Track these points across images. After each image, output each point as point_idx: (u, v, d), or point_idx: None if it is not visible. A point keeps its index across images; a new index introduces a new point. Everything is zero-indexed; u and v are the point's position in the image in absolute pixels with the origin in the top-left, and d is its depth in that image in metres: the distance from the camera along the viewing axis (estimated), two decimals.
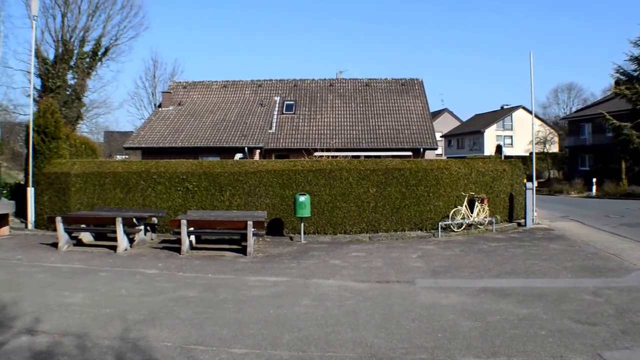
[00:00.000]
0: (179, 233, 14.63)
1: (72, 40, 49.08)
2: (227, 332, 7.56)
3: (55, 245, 15.70)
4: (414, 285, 10.50)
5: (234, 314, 8.44)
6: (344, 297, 9.46)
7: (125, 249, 14.96)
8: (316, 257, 13.60)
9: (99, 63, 51.42)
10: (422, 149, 33.08)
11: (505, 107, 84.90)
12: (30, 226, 19.89)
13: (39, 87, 46.67)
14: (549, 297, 9.33)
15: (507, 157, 33.93)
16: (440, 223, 17.20)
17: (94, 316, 8.41)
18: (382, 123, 35.64)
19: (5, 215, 18.46)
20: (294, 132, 35.50)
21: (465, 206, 17.80)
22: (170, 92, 40.57)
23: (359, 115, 36.70)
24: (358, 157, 24.71)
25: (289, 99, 39.13)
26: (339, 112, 37.29)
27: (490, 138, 77.75)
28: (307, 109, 37.79)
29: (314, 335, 7.36)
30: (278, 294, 9.77)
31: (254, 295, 9.74)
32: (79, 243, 16.22)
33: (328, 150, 27.25)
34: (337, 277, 11.25)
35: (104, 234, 16.88)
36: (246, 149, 31.43)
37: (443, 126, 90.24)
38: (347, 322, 7.94)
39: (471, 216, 17.83)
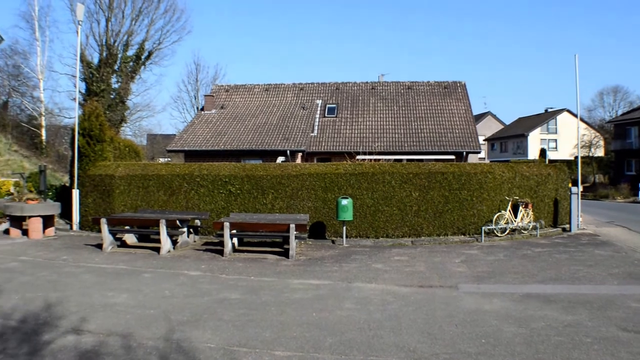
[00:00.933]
0: (222, 235, 14.72)
1: (116, 44, 49.86)
2: (269, 334, 7.59)
3: (99, 246, 15.94)
4: (457, 290, 10.41)
5: (276, 317, 8.46)
6: (386, 301, 9.43)
7: (169, 251, 15.11)
8: (358, 261, 13.58)
9: (142, 67, 52.16)
10: (465, 153, 32.81)
11: (549, 110, 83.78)
12: (75, 227, 20.20)
13: (83, 91, 47.48)
14: (595, 304, 9.18)
15: (551, 161, 33.62)
16: (483, 228, 17.03)
17: (138, 316, 8.52)
18: (424, 126, 35.45)
19: (52, 217, 18.79)
20: (335, 136, 35.48)
21: (509, 211, 17.59)
22: (212, 96, 40.88)
23: (401, 119, 36.55)
24: (400, 160, 24.63)
25: (330, 102, 39.13)
26: (381, 115, 37.18)
27: (534, 142, 76.80)
28: (349, 112, 37.76)
29: (356, 339, 7.35)
30: (320, 297, 9.78)
31: (296, 298, 9.76)
32: (123, 244, 16.45)
33: (370, 153, 27.24)
34: (380, 281, 11.22)
35: (147, 236, 17.08)
36: (288, 152, 31.50)
37: (486, 129, 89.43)
38: (389, 327, 7.92)
39: (515, 221, 17.62)
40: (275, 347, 7.08)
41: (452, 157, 31.67)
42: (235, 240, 15.59)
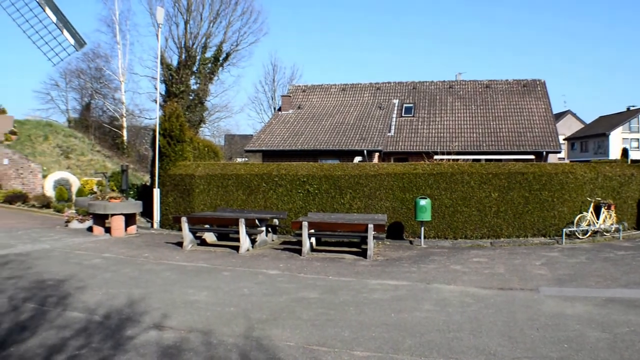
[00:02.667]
0: (300, 235, 14.82)
1: (195, 46, 50.73)
2: (348, 334, 7.59)
3: (179, 244, 16.27)
4: (538, 293, 10.20)
5: (355, 317, 8.45)
6: (465, 303, 9.31)
7: (247, 250, 15.29)
8: (437, 262, 13.46)
9: (220, 68, 52.95)
10: (544, 153, 32.13)
11: (631, 108, 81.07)
12: (155, 225, 20.67)
13: (163, 92, 48.44)
14: None
15: (633, 161, 32.53)
16: (564, 229, 16.64)
17: (218, 314, 8.64)
18: (503, 125, 34.88)
19: (133, 215, 19.28)
20: (413, 135, 35.26)
21: (591, 212, 17.13)
22: (289, 96, 41.17)
23: (479, 118, 36.05)
24: (479, 160, 24.32)
25: (407, 101, 38.90)
26: (459, 114, 36.75)
27: (616, 141, 74.51)
28: (426, 112, 37.46)
29: (435, 341, 7.28)
30: (399, 298, 9.73)
31: (375, 298, 9.74)
32: (203, 243, 16.75)
33: (448, 153, 27.00)
34: (459, 282, 11.09)
35: (226, 235, 17.34)
36: (365, 152, 31.49)
37: (566, 129, 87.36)
38: (469, 329, 7.81)
39: (597, 223, 17.15)
40: (354, 347, 7.07)
41: (532, 157, 31.03)
42: (313, 239, 15.67)
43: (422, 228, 16.57)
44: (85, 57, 54.48)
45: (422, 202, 15.95)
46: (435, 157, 24.99)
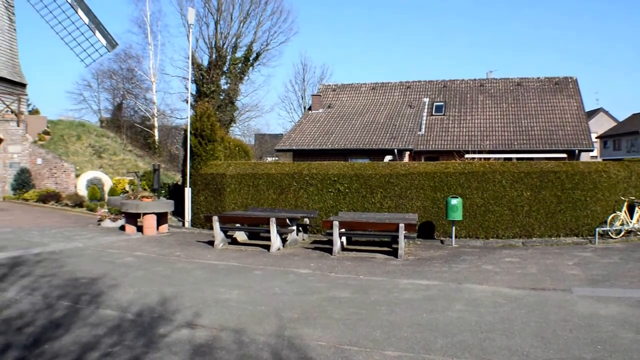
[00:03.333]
0: (331, 234, 14.82)
1: (225, 46, 51.06)
2: (379, 334, 7.58)
3: (211, 243, 16.38)
4: (571, 293, 10.09)
5: (386, 316, 8.44)
6: (497, 303, 9.25)
7: (278, 249, 15.34)
8: (468, 262, 13.38)
9: (250, 68, 53.26)
10: (577, 151, 31.78)
11: None
12: (187, 224, 20.85)
13: (194, 92, 48.78)
14: None
15: None
16: (597, 229, 16.44)
17: (250, 313, 8.67)
18: (534, 124, 34.56)
19: (165, 214, 19.44)
20: (443, 134, 35.12)
21: (625, 211, 16.89)
22: (319, 95, 41.21)
23: (510, 116, 35.76)
24: (510, 159, 24.12)
25: (438, 100, 38.74)
26: (490, 113, 36.50)
27: None
28: (456, 110, 37.28)
29: (467, 341, 7.24)
30: (430, 298, 9.69)
31: (406, 298, 9.71)
32: (234, 242, 16.84)
33: (479, 152, 26.84)
34: (490, 282, 11.02)
35: (257, 234, 17.44)
36: (396, 150, 31.41)
37: (598, 127, 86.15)
38: (501, 329, 7.76)
39: (630, 222, 16.91)
40: (386, 347, 7.06)
41: (564, 155, 30.67)
42: (343, 239, 15.68)
43: (453, 227, 16.48)
44: (117, 57, 55.22)
45: (454, 202, 15.88)
46: (467, 155, 24.91)
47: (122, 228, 19.53)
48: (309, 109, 41.45)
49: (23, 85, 35.25)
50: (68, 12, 35.42)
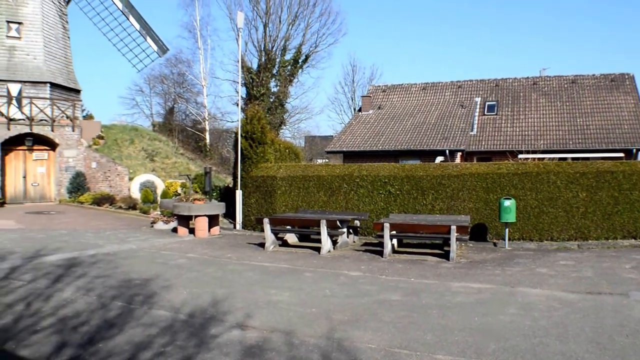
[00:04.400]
0: (381, 236, 14.74)
1: (274, 49, 51.36)
2: (430, 337, 7.48)
3: (262, 245, 16.44)
4: (628, 298, 9.81)
5: (437, 320, 8.33)
6: (551, 308, 9.05)
7: (329, 251, 15.30)
8: (522, 265, 13.15)
9: (299, 70, 53.51)
10: (634, 150, 31.00)
11: None
12: (238, 227, 20.99)
13: (244, 95, 49.16)
14: None
15: None
16: None
17: (300, 315, 8.67)
18: (590, 122, 33.85)
19: (216, 216, 19.59)
20: (496, 134, 34.71)
21: None
22: (369, 96, 41.15)
23: (564, 115, 35.11)
24: (565, 159, 23.69)
25: (490, 99, 38.31)
26: (544, 111, 35.91)
27: None
28: (509, 110, 36.80)
29: (520, 346, 7.10)
30: (482, 301, 9.54)
31: (458, 301, 9.58)
32: (284, 244, 16.87)
33: (533, 152, 26.46)
34: (545, 286, 10.80)
35: (307, 236, 17.43)
36: (447, 151, 31.15)
37: None
38: (555, 334, 7.59)
39: None
40: (437, 350, 6.96)
41: (621, 154, 29.97)
42: (394, 241, 15.57)
43: (507, 229, 16.22)
44: (168, 62, 56.14)
45: (507, 203, 15.64)
46: (520, 156, 24.55)
47: (175, 230, 19.76)
48: (359, 110, 41.43)
49: (77, 91, 36.00)
50: (120, 19, 36.13)
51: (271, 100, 51.30)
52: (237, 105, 26.01)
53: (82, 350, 7.01)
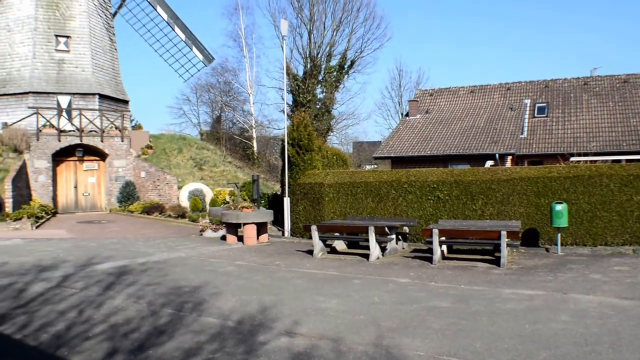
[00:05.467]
0: (430, 242, 14.60)
1: (319, 55, 51.53)
2: (480, 345, 7.37)
3: (310, 252, 16.44)
4: None
5: (487, 327, 8.21)
6: (605, 315, 8.84)
7: (377, 258, 15.22)
8: (574, 271, 12.88)
9: (345, 76, 53.61)
10: None
11: None
12: (286, 234, 21.07)
13: (290, 102, 49.43)
14: None
15: None
16: None
17: (349, 322, 8.62)
18: None
19: (265, 224, 19.67)
20: (546, 137, 34.25)
21: None
22: (416, 101, 41.02)
23: (617, 115, 34.44)
24: (619, 161, 23.21)
25: (540, 101, 37.85)
26: (595, 112, 35.30)
27: None
28: (560, 111, 36.28)
29: (571, 354, 6.93)
30: (533, 308, 9.37)
31: (508, 308, 9.42)
32: (332, 251, 16.84)
33: (585, 154, 26.03)
34: (598, 292, 10.55)
35: (355, 243, 17.39)
36: (497, 155, 30.80)
37: None
38: (608, 342, 7.39)
39: None
40: (486, 358, 6.85)
41: None
42: (444, 247, 15.41)
43: (559, 234, 15.91)
44: (214, 71, 56.85)
45: (558, 207, 15.36)
46: (572, 158, 24.17)
47: (223, 238, 19.91)
48: (406, 115, 41.28)
49: (125, 102, 36.72)
50: (165, 29, 36.77)
51: (317, 106, 51.41)
52: (284, 112, 26.16)
53: (132, 356, 7.11)
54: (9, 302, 10.24)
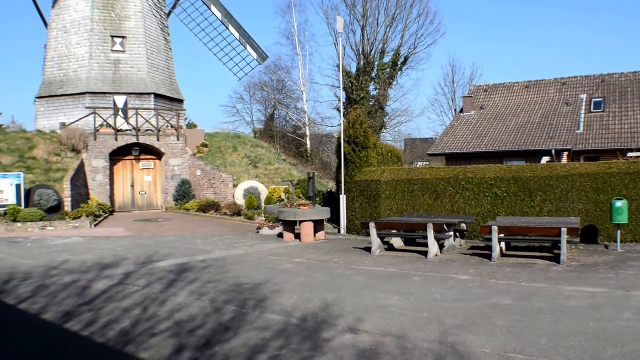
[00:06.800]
0: (489, 239, 14.58)
1: (372, 52, 51.50)
2: (545, 342, 7.40)
3: (368, 249, 16.55)
4: None
5: (551, 324, 8.23)
6: None
7: (436, 255, 15.25)
8: (636, 268, 12.73)
9: (399, 72, 53.46)
10: None
11: None
12: (342, 231, 21.17)
13: (343, 100, 49.57)
14: None
15: None
16: None
17: (412, 319, 8.71)
18: None
19: (321, 221, 19.80)
20: (603, 132, 33.69)
21: None
22: (471, 97, 40.68)
23: None
24: None
25: (596, 96, 37.22)
26: None
27: None
28: (617, 106, 35.63)
29: (639, 352, 6.95)
30: (596, 306, 9.33)
31: (571, 305, 9.41)
32: (390, 248, 16.92)
33: None
34: None
35: (413, 240, 17.44)
36: (553, 151, 30.43)
37: None
38: None
39: None
40: (552, 355, 6.89)
41: None
42: (502, 244, 15.35)
43: (618, 231, 15.71)
44: (267, 70, 57.18)
45: (618, 204, 15.18)
46: (630, 154, 23.77)
47: (280, 235, 20.14)
48: (461, 111, 41.03)
49: (181, 101, 37.28)
50: (219, 29, 37.19)
51: (371, 103, 51.40)
52: (339, 110, 26.29)
53: (199, 353, 7.31)
54: (74, 300, 10.60)
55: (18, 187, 25.03)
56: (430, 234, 15.03)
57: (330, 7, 66.39)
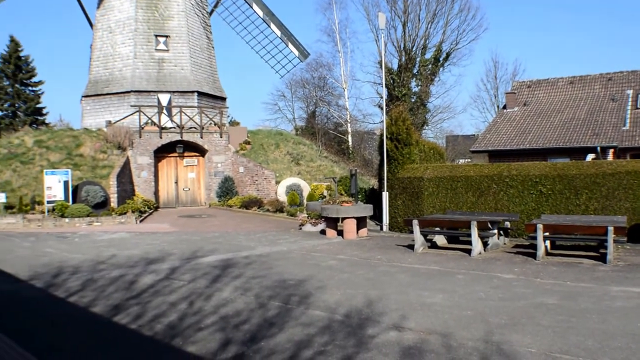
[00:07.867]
0: (534, 237, 14.42)
1: (414, 48, 51.33)
2: (591, 343, 7.32)
3: (410, 247, 16.49)
4: None
5: (597, 325, 8.13)
6: None
7: (479, 253, 15.15)
8: None
9: (440, 68, 53.26)
10: None
11: None
12: (384, 228, 21.13)
13: (385, 96, 49.53)
14: None
15: None
16: None
17: (456, 317, 8.69)
18: None
19: (364, 218, 19.79)
20: None
21: None
22: (514, 93, 40.25)
23: None
24: None
25: None
26: None
27: None
28: None
29: None
30: None
31: (618, 306, 9.27)
32: (433, 245, 16.84)
33: None
34: None
35: (455, 237, 17.33)
36: (598, 148, 29.96)
37: None
38: None
39: None
40: (599, 356, 6.81)
41: None
42: (547, 243, 15.18)
43: None
44: (308, 67, 57.37)
45: None
46: None
47: (323, 232, 20.18)
48: (503, 107, 40.64)
49: (223, 99, 37.64)
50: (261, 26, 37.47)
51: (412, 100, 51.21)
52: (382, 108, 26.16)
53: (245, 347, 7.40)
54: (121, 294, 10.82)
55: (66, 183, 25.54)
56: (474, 232, 14.91)
57: (370, 3, 66.39)
